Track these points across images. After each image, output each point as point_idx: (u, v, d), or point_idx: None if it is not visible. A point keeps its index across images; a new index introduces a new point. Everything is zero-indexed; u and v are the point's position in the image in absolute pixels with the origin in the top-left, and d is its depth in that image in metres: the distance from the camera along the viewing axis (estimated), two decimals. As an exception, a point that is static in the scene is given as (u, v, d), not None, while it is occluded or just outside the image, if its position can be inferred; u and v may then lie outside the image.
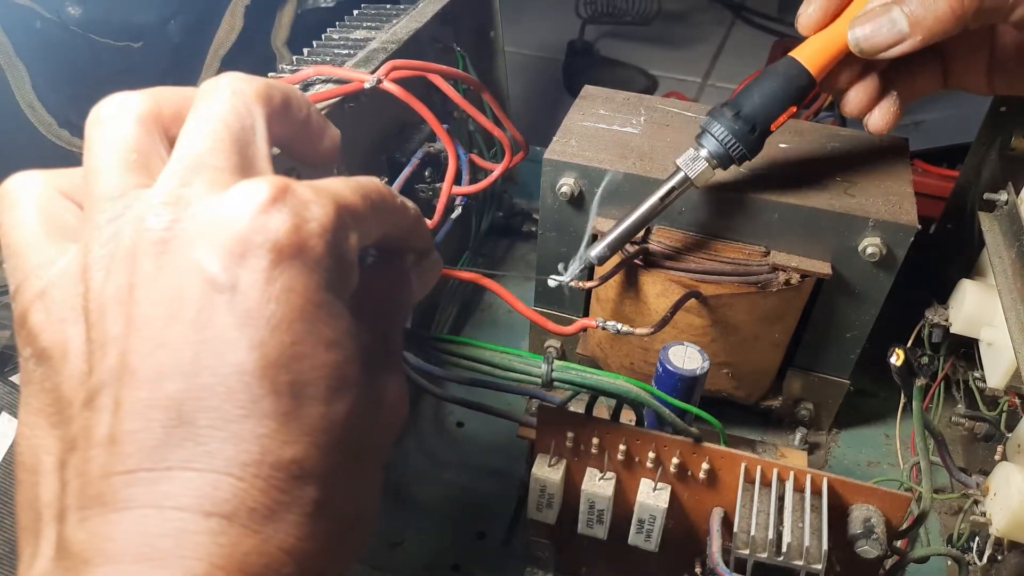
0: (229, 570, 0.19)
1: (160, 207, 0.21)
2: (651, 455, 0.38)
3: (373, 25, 0.57)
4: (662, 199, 0.44)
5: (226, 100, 0.23)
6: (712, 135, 0.43)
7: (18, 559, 0.21)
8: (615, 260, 0.48)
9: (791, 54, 0.42)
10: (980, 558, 0.44)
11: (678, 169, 0.44)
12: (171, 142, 0.24)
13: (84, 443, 0.20)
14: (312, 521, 0.21)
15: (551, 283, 0.47)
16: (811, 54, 0.41)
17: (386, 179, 0.51)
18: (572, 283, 0.47)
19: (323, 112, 0.45)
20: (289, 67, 0.50)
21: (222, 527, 0.19)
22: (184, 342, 0.20)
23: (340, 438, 0.21)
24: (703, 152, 0.43)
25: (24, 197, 0.24)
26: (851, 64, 0.41)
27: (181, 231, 0.21)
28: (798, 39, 0.43)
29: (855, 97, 0.42)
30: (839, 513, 0.36)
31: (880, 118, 0.42)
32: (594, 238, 0.49)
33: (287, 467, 0.20)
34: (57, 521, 0.20)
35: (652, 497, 0.39)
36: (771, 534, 0.35)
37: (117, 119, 0.23)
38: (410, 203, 0.27)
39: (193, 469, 0.19)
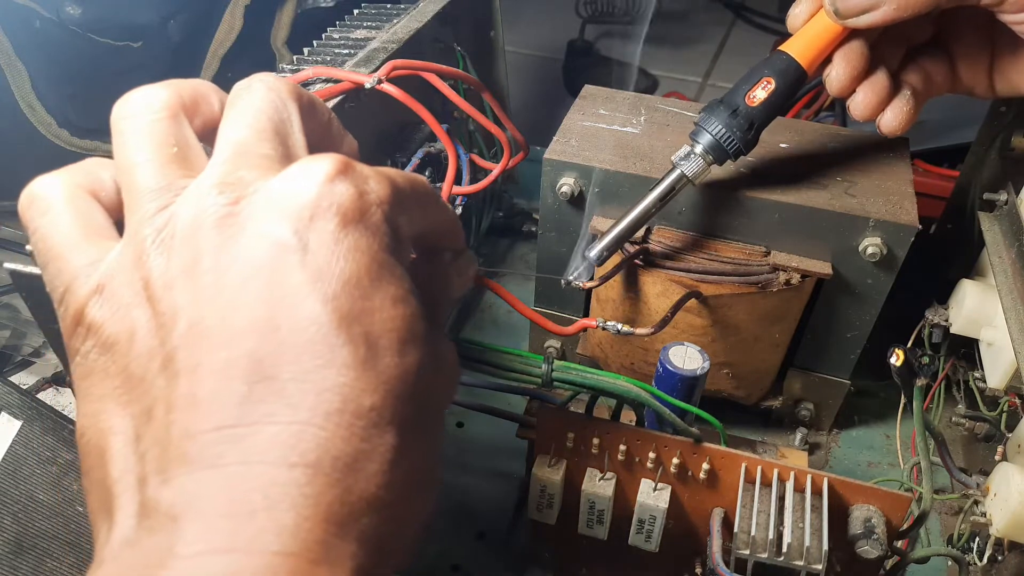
0: (315, 520, 0.19)
1: (221, 186, 0.22)
2: (651, 455, 0.38)
3: (373, 25, 0.57)
4: (660, 197, 0.44)
5: (263, 95, 0.24)
6: (707, 131, 0.43)
7: (94, 539, 0.22)
8: (615, 260, 0.48)
9: (780, 48, 0.42)
10: (980, 558, 0.44)
11: (674, 166, 0.44)
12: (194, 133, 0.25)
13: (163, 409, 0.20)
14: (391, 470, 0.21)
15: (563, 283, 0.47)
16: (800, 46, 0.41)
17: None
18: (579, 283, 0.47)
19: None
20: (289, 67, 0.50)
21: (307, 477, 0.19)
22: (259, 301, 0.20)
23: (412, 389, 0.22)
24: (698, 148, 0.43)
25: (55, 201, 0.24)
26: (851, 61, 0.41)
27: (246, 205, 0.21)
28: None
29: (863, 98, 0.41)
30: (839, 513, 0.36)
31: (893, 118, 0.42)
32: (593, 238, 0.49)
33: (367, 415, 0.20)
34: (137, 490, 0.21)
35: (652, 497, 0.39)
36: (771, 534, 0.35)
37: (147, 113, 0.24)
38: (448, 204, 0.27)
39: (277, 423, 0.20)
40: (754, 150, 0.46)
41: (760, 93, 0.42)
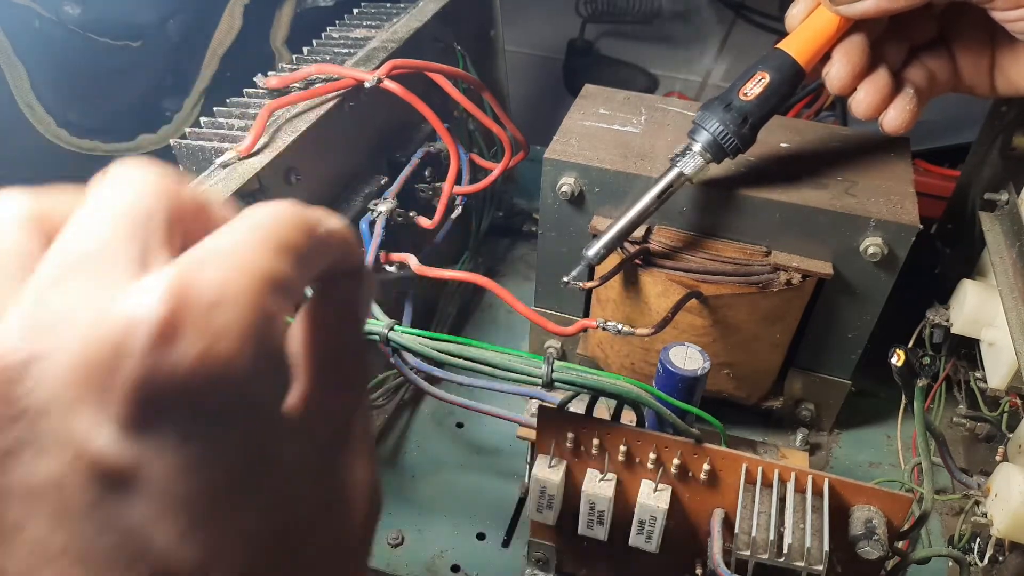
0: None
1: (15, 338, 0.15)
2: (652, 456, 0.38)
3: (373, 24, 0.57)
4: (658, 195, 0.44)
5: (126, 186, 0.18)
6: (705, 129, 0.43)
7: None
8: (616, 260, 0.48)
9: (778, 45, 0.42)
10: (981, 559, 0.44)
11: (673, 165, 0.44)
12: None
13: None
14: None
15: (562, 283, 0.47)
16: (797, 43, 0.42)
17: (386, 179, 0.51)
18: (578, 283, 0.47)
19: (324, 113, 0.45)
20: (289, 66, 0.50)
21: None
22: (70, 558, 0.15)
23: None
24: (696, 146, 0.43)
25: None
26: (851, 57, 0.41)
27: (42, 378, 0.15)
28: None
29: (864, 96, 0.41)
30: (840, 514, 0.36)
31: (896, 116, 0.41)
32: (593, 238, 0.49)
33: None
34: None
35: (653, 498, 0.38)
36: (772, 535, 0.35)
37: None
38: (341, 221, 0.21)
39: None
40: (754, 150, 0.46)
41: (754, 88, 0.42)
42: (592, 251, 0.45)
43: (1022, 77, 0.43)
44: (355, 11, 0.60)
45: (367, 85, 0.45)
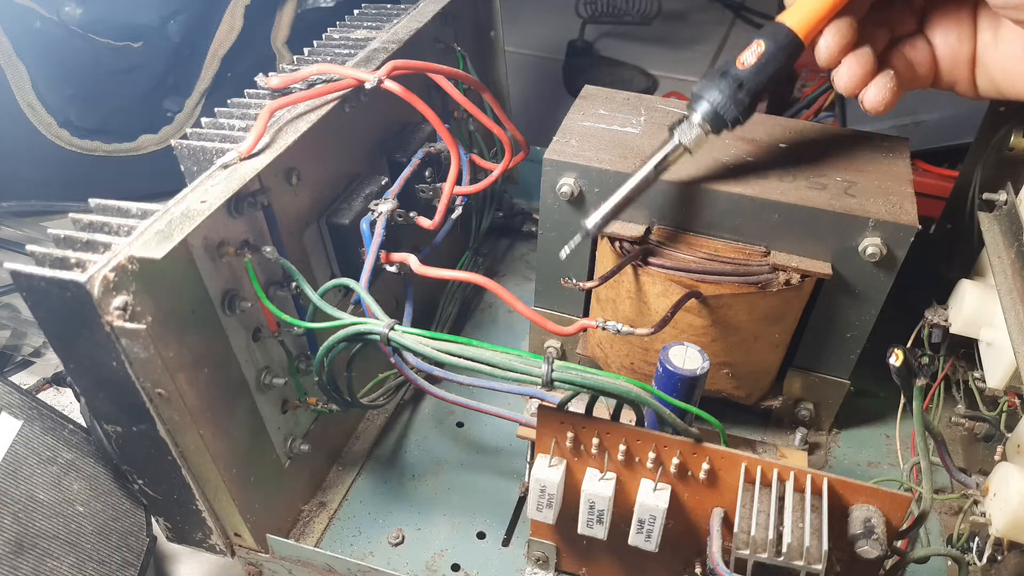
0: None
1: None
2: (651, 455, 0.38)
3: (373, 25, 0.58)
4: (656, 166, 0.44)
5: None
6: (705, 99, 0.43)
7: None
8: (616, 260, 0.48)
9: (778, 18, 0.42)
10: (980, 558, 0.44)
11: (672, 135, 0.44)
12: None
13: None
14: None
15: (562, 255, 0.47)
16: (797, 17, 0.42)
17: (387, 180, 0.51)
18: (579, 284, 0.47)
19: (325, 114, 0.45)
20: (290, 67, 0.50)
21: None
22: None
23: None
24: (695, 117, 0.44)
25: None
26: (842, 31, 0.41)
27: None
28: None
29: (847, 69, 0.42)
30: (839, 513, 0.36)
31: (877, 93, 0.42)
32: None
33: None
34: None
35: (652, 497, 0.39)
36: (771, 534, 0.35)
37: None
38: None
39: None
40: (753, 150, 0.46)
41: (750, 57, 0.42)
42: (590, 222, 0.45)
43: (1005, 78, 0.43)
44: (356, 12, 0.61)
45: (368, 86, 0.45)
